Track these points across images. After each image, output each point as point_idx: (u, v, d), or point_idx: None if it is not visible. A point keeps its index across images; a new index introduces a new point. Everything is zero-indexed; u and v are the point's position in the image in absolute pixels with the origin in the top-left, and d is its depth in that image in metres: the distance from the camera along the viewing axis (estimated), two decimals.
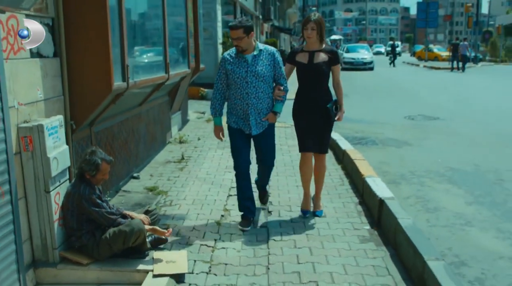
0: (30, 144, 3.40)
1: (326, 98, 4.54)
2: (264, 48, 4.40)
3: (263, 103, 4.37)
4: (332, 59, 4.53)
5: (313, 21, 4.45)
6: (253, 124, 4.36)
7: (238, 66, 4.29)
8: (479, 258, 3.97)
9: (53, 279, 3.62)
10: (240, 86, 4.29)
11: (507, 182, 6.07)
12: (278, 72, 4.42)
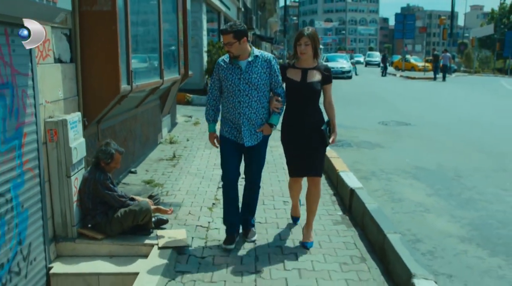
0: (55, 135, 4.02)
1: (319, 119, 4.21)
2: (260, 55, 4.10)
3: (257, 113, 4.08)
4: (325, 77, 4.19)
5: (306, 36, 4.06)
6: (246, 135, 4.09)
7: (231, 72, 4.04)
8: (433, 237, 4.70)
9: (71, 252, 4.23)
10: (233, 94, 4.03)
11: (464, 178, 6.85)
12: (274, 81, 4.12)
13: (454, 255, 4.29)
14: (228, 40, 3.94)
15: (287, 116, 4.27)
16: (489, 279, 3.85)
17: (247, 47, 4.05)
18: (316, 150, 4.23)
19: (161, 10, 7.01)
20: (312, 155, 4.22)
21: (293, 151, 4.28)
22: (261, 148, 4.26)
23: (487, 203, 5.75)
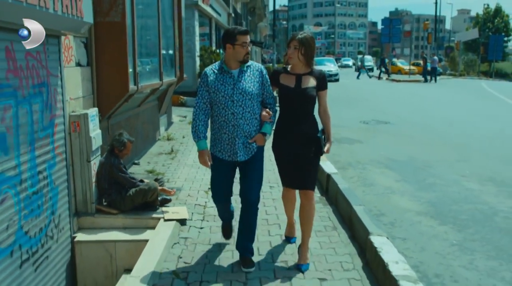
0: (78, 127, 4.84)
1: (313, 127, 3.95)
2: (251, 64, 3.88)
3: (251, 125, 3.81)
4: (320, 83, 3.93)
5: (296, 40, 3.81)
6: (240, 148, 3.80)
7: (223, 83, 3.75)
8: (394, 212, 5.56)
9: (90, 225, 5.04)
10: (225, 106, 3.73)
11: (432, 167, 7.74)
12: (267, 91, 3.90)
13: (410, 225, 5.15)
14: (248, 40, 3.75)
15: (280, 124, 4.01)
16: (436, 241, 4.71)
17: None
18: (310, 161, 3.96)
19: (160, 19, 7.86)
20: (305, 167, 3.94)
21: (285, 161, 4.02)
22: (257, 162, 3.94)
23: (445, 186, 6.63)
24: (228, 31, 3.80)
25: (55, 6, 3.73)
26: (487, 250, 4.48)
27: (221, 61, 3.85)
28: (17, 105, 3.72)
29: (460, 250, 4.47)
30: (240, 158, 3.84)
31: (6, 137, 3.56)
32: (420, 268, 4.05)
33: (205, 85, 3.80)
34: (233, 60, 3.77)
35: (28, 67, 3.90)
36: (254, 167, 3.93)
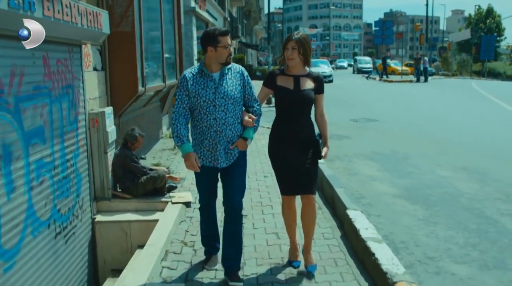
0: (96, 123, 5.59)
1: (311, 131, 3.87)
2: (232, 66, 3.71)
3: (233, 130, 3.64)
4: (318, 87, 3.84)
5: (294, 40, 3.71)
6: (221, 154, 3.63)
7: (204, 87, 3.57)
8: (373, 195, 6.33)
9: (107, 208, 5.79)
10: (207, 112, 3.55)
11: (411, 159, 8.51)
12: (248, 93, 3.73)
13: (385, 205, 5.93)
14: (229, 41, 3.60)
15: (278, 127, 3.88)
16: (405, 217, 5.48)
17: None
18: (310, 165, 3.82)
19: (163, 27, 8.62)
20: (305, 171, 3.81)
21: (284, 166, 3.86)
22: (239, 168, 3.78)
23: (421, 174, 7.41)
24: (208, 33, 3.58)
25: (82, 21, 4.49)
26: (448, 223, 5.25)
27: (200, 64, 3.65)
28: (51, 104, 4.48)
29: (425, 223, 5.24)
30: (221, 164, 3.66)
31: (44, 130, 4.32)
32: (389, 236, 4.81)
33: (185, 89, 3.60)
34: (215, 63, 3.59)
35: (58, 71, 4.65)
36: (236, 173, 3.75)
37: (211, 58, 3.59)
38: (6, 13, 3.14)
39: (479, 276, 3.99)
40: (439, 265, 4.21)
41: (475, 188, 6.65)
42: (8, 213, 3.64)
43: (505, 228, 5.10)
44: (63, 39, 4.56)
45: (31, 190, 4.04)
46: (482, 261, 4.29)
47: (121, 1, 6.28)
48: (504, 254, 4.42)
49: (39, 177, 4.20)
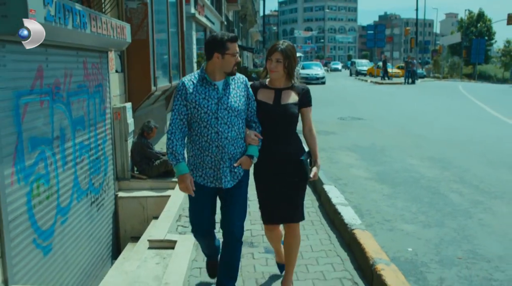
0: (119, 116, 6.76)
1: (296, 149, 3.49)
2: (236, 75, 3.39)
3: (237, 146, 3.33)
4: (303, 100, 3.48)
5: (279, 52, 3.38)
6: (225, 173, 3.30)
7: (205, 96, 3.23)
8: (349, 178, 7.52)
9: (127, 187, 6.96)
10: (208, 125, 3.22)
11: (386, 150, 9.72)
12: (252, 107, 3.43)
13: (358, 185, 7.12)
14: (237, 49, 3.29)
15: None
16: (373, 193, 6.67)
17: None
18: (294, 190, 3.49)
19: (169, 34, 9.80)
20: (287, 199, 3.47)
21: (265, 193, 3.54)
22: (242, 188, 3.45)
23: (393, 163, 8.61)
24: (215, 38, 3.23)
25: (114, 34, 5.66)
26: (406, 198, 6.45)
27: (201, 71, 3.30)
28: (88, 99, 5.65)
29: (388, 198, 6.44)
30: (226, 184, 3.31)
31: (84, 119, 5.49)
32: (357, 206, 5.99)
33: (183, 99, 3.24)
34: (219, 71, 3.25)
35: (93, 73, 5.83)
36: (238, 194, 3.41)
37: (216, 66, 3.23)
38: (70, 31, 4.31)
39: (421, 231, 5.19)
40: (393, 224, 5.40)
41: (436, 173, 7.86)
42: (63, 180, 4.82)
43: (451, 201, 6.30)
44: (98, 47, 5.74)
45: (76, 165, 5.21)
46: (427, 222, 5.49)
47: (138, 14, 7.46)
48: (444, 218, 5.62)
49: (81, 155, 5.37)
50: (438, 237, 5.03)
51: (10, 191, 3.74)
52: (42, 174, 4.33)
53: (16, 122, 3.87)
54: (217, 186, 3.34)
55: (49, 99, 4.52)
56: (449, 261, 4.43)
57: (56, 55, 4.64)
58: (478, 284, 3.99)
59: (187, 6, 16.18)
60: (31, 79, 4.16)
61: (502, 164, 8.51)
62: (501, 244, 4.86)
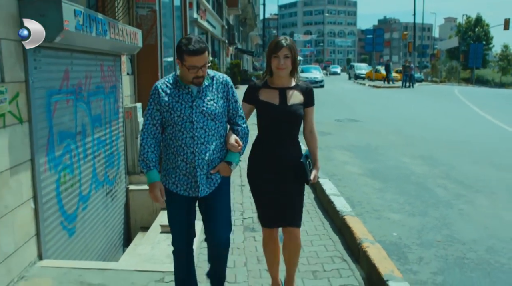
0: (130, 115, 7.30)
1: (297, 152, 3.42)
2: (215, 75, 3.22)
3: (215, 151, 3.14)
4: (307, 99, 3.40)
5: (287, 47, 3.25)
6: (202, 181, 3.11)
7: (179, 100, 3.07)
8: (344, 174, 8.07)
9: (137, 181, 7.50)
10: (183, 129, 3.06)
11: (380, 149, 10.28)
12: (233, 108, 3.24)
13: (352, 180, 7.67)
14: (204, 61, 3.00)
15: (259, 149, 3.39)
16: (365, 187, 7.22)
17: None
18: (295, 192, 3.42)
19: (175, 39, 10.37)
20: (288, 201, 3.38)
21: (264, 195, 3.41)
22: (223, 197, 3.27)
23: (386, 161, 9.17)
24: (178, 44, 3.04)
25: (128, 39, 6.22)
26: (395, 191, 7.00)
27: (175, 73, 3.16)
28: (104, 99, 6.20)
29: (378, 191, 6.99)
30: (202, 192, 3.11)
31: (101, 117, 6.04)
32: (350, 198, 6.53)
33: (156, 103, 3.11)
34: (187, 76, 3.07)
35: (108, 75, 6.37)
36: (219, 203, 3.22)
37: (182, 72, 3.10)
38: (94, 38, 4.86)
39: (406, 219, 5.74)
40: (381, 214, 5.95)
41: (425, 170, 8.42)
42: (84, 171, 5.36)
43: (436, 194, 6.85)
44: (114, 52, 6.29)
45: (94, 158, 5.76)
46: (411, 212, 6.05)
47: (147, 21, 8.02)
48: (428, 208, 6.17)
49: (98, 150, 5.92)
50: (421, 224, 5.58)
51: (43, 177, 4.29)
52: (67, 164, 4.88)
53: (48, 117, 4.42)
54: (190, 194, 3.12)
55: (73, 98, 5.07)
56: (428, 243, 4.98)
57: (79, 59, 5.19)
58: (452, 262, 4.54)
59: (190, 11, 16.78)
60: (60, 80, 4.71)
61: (487, 162, 9.08)
62: (476, 230, 5.41)
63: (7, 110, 3.69)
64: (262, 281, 4.07)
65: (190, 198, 3.18)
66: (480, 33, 62.07)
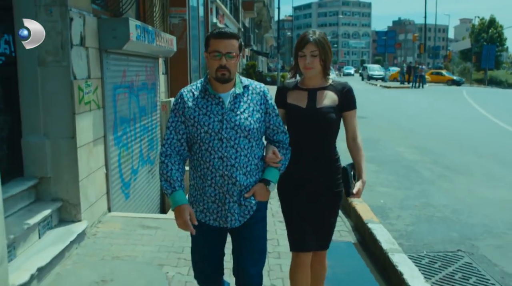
0: (165, 108, 8.71)
1: (334, 164, 3.00)
2: (250, 84, 2.70)
3: (249, 175, 2.65)
4: (345, 101, 2.91)
5: (313, 43, 2.78)
6: (232, 209, 2.62)
7: (207, 112, 2.57)
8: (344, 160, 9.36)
9: None
10: (210, 148, 2.56)
11: (381, 142, 11.56)
12: (273, 123, 2.74)
13: None
14: (231, 49, 2.51)
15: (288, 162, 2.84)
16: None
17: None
18: (329, 210, 2.97)
19: (200, 42, 11.80)
20: (322, 218, 2.95)
21: (294, 216, 2.97)
22: (257, 225, 2.75)
23: (384, 150, 10.47)
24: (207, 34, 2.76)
25: (167, 45, 7.62)
26: (388, 172, 8.31)
27: (204, 79, 2.68)
28: (148, 93, 7.61)
29: (373, 173, 8.29)
30: (232, 223, 2.66)
31: (145, 108, 7.45)
32: None
33: (181, 114, 2.64)
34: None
35: (150, 74, 7.78)
36: (252, 235, 2.73)
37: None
38: (146, 44, 6.25)
39: (393, 192, 7.06)
40: (373, 188, 7.26)
41: (417, 157, 9.71)
42: (134, 150, 6.77)
43: (422, 175, 8.15)
44: (155, 55, 7.71)
45: (141, 141, 7.17)
46: (398, 187, 7.35)
47: (178, 28, 9.44)
48: (413, 185, 7.48)
49: (143, 135, 7.33)
50: (405, 195, 6.89)
51: (111, 151, 5.69)
52: (125, 143, 6.28)
53: (114, 106, 5.83)
54: (221, 225, 2.66)
55: (128, 92, 6.48)
56: (407, 207, 6.30)
57: (132, 61, 6.60)
58: (423, 218, 5.85)
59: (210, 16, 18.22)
60: (120, 78, 6.12)
61: (473, 151, 10.34)
62: (448, 199, 6.71)
63: (92, 99, 5.11)
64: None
65: (221, 228, 2.69)
66: (493, 35, 62.67)
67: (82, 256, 4.47)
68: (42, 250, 4.11)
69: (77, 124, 4.72)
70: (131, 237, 4.96)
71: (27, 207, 4.49)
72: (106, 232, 5.06)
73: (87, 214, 4.97)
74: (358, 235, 5.26)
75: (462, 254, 4.77)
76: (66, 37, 4.55)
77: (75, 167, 4.72)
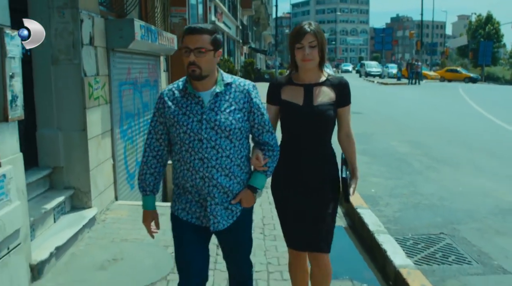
0: None
1: (330, 162, 2.92)
2: (234, 82, 2.53)
3: (231, 176, 2.51)
4: (341, 97, 2.83)
5: (312, 34, 2.68)
6: (215, 212, 2.51)
7: (186, 111, 2.46)
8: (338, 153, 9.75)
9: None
10: (191, 148, 2.45)
11: (375, 136, 11.95)
12: (258, 122, 2.57)
13: None
14: (200, 44, 2.34)
15: (282, 160, 2.71)
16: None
17: (216, 67, 2.50)
18: (325, 212, 2.83)
19: None
20: (315, 223, 2.82)
21: (289, 214, 2.89)
22: (243, 230, 2.70)
23: (377, 143, 10.85)
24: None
25: (168, 43, 7.99)
26: (380, 164, 8.70)
27: (186, 77, 2.53)
28: (150, 90, 7.99)
29: (366, 164, 8.68)
30: (215, 226, 2.53)
31: (148, 104, 7.82)
32: None
33: (160, 114, 2.56)
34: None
35: (152, 71, 8.15)
36: (240, 238, 2.70)
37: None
38: (150, 43, 6.63)
39: (383, 182, 7.45)
40: (365, 178, 7.61)
41: (409, 150, 10.10)
42: (138, 143, 7.15)
43: (412, 166, 8.55)
44: (158, 53, 8.08)
45: (145, 134, 7.53)
46: (389, 177, 7.75)
47: (179, 27, 9.80)
48: (403, 175, 7.87)
49: (146, 129, 7.68)
50: (394, 184, 7.29)
51: (117, 143, 6.07)
52: (129, 136, 6.67)
53: (120, 101, 6.21)
54: (204, 224, 2.56)
55: (133, 89, 6.86)
56: (396, 195, 6.69)
57: (136, 59, 6.97)
58: (410, 206, 6.25)
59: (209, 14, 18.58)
60: (125, 75, 6.49)
61: (463, 145, 10.73)
62: (435, 188, 7.10)
63: (100, 95, 5.49)
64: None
65: (204, 228, 2.57)
66: (490, 31, 63.08)
67: (94, 238, 4.86)
68: (58, 232, 4.50)
69: (88, 118, 5.10)
70: (137, 223, 5.31)
71: (42, 194, 4.88)
72: (114, 218, 5.45)
73: (97, 202, 5.36)
74: (348, 220, 5.66)
75: (444, 236, 5.17)
76: (77, 37, 4.93)
77: (86, 157, 5.11)
